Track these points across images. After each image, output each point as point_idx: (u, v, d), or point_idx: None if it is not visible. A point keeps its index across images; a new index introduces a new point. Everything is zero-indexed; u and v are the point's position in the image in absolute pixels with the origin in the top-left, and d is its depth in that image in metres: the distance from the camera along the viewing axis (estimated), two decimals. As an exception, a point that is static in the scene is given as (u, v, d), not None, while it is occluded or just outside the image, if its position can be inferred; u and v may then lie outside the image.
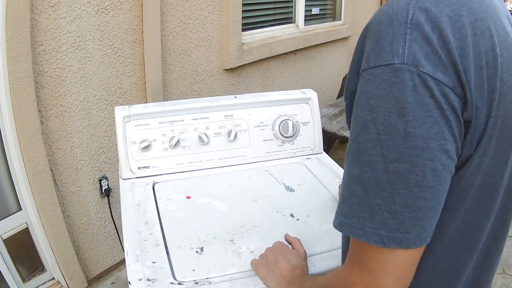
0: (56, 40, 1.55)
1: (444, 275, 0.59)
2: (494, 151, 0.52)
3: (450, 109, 0.46)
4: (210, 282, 0.80)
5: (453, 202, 0.53)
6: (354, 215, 0.50)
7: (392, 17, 0.47)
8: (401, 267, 0.49)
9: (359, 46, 0.54)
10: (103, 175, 1.89)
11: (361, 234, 0.49)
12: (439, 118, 0.46)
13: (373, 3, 3.94)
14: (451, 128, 0.47)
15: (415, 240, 0.48)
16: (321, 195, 1.11)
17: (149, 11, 1.80)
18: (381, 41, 0.47)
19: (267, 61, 2.68)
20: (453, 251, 0.58)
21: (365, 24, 0.53)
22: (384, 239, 0.48)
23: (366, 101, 0.48)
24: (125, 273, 1.72)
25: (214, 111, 1.22)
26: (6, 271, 1.61)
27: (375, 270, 0.49)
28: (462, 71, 0.46)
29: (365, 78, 0.49)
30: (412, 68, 0.45)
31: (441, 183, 0.48)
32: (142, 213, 1.00)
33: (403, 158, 0.46)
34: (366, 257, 0.50)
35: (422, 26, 0.46)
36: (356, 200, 0.50)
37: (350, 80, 0.56)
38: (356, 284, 0.51)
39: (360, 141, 0.49)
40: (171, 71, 2.05)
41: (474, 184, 0.53)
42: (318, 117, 1.31)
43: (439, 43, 0.45)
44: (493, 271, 0.66)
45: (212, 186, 1.13)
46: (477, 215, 0.57)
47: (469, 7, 0.48)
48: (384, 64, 0.46)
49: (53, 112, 1.62)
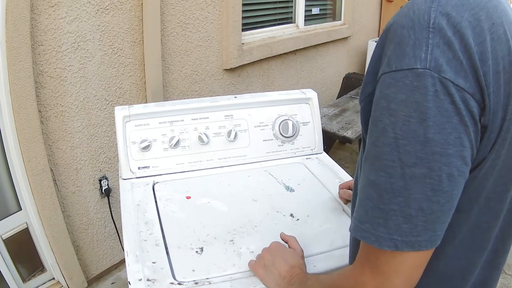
0: (56, 40, 1.55)
1: (454, 277, 0.60)
2: (506, 153, 0.52)
3: (469, 116, 0.46)
4: (210, 282, 0.80)
5: (465, 204, 0.53)
6: (368, 219, 0.51)
7: (413, 21, 0.47)
8: (411, 268, 0.50)
9: (378, 48, 0.53)
10: (103, 175, 1.89)
11: (374, 239, 0.50)
12: (458, 125, 0.46)
13: (373, 3, 3.94)
14: (468, 134, 0.47)
15: (426, 242, 0.48)
16: (321, 195, 1.11)
17: (149, 11, 1.80)
18: (403, 44, 0.47)
19: (267, 61, 2.68)
20: (463, 252, 0.58)
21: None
22: (397, 243, 0.48)
23: (386, 105, 0.48)
24: (125, 273, 1.72)
25: (214, 111, 1.22)
26: (6, 271, 1.61)
27: (387, 272, 0.50)
28: (482, 77, 0.46)
29: (386, 81, 0.49)
30: (435, 73, 0.45)
31: (455, 188, 0.48)
32: (142, 213, 1.00)
33: (421, 163, 0.46)
34: (378, 259, 0.51)
35: (444, 31, 0.46)
36: (371, 205, 0.50)
37: (367, 81, 0.56)
38: (366, 285, 0.52)
39: (378, 146, 0.49)
40: (171, 71, 2.05)
41: (486, 185, 0.53)
42: (318, 117, 1.31)
43: (461, 48, 0.45)
44: (500, 270, 0.67)
45: (212, 186, 1.13)
46: (488, 216, 0.57)
47: (487, 12, 0.48)
48: (406, 68, 0.46)
49: (53, 112, 1.62)
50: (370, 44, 3.82)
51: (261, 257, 0.82)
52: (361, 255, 0.54)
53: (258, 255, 0.84)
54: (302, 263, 0.80)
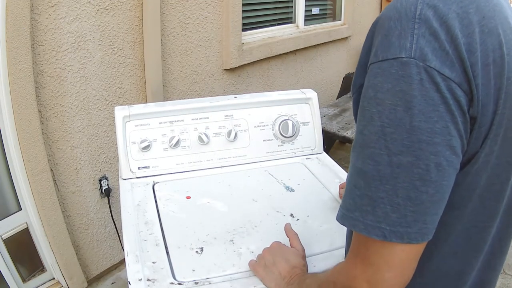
0: (56, 40, 1.55)
1: (449, 276, 0.60)
2: (500, 150, 0.52)
3: (456, 105, 0.46)
4: (210, 282, 0.80)
5: (459, 200, 0.53)
6: (356, 208, 0.50)
7: (400, 12, 0.48)
8: (402, 261, 0.49)
9: (367, 41, 0.54)
10: (103, 175, 1.89)
11: (363, 227, 0.49)
12: (444, 113, 0.46)
13: (373, 3, 3.94)
14: (456, 124, 0.47)
15: (416, 235, 0.48)
16: (321, 195, 1.11)
17: (149, 11, 1.80)
18: (389, 35, 0.48)
19: (267, 61, 2.69)
20: (459, 251, 0.58)
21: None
22: (385, 232, 0.48)
23: (373, 94, 0.49)
24: (125, 273, 1.72)
25: (214, 111, 1.22)
26: (6, 271, 1.61)
27: (377, 264, 0.50)
28: (469, 67, 0.46)
29: (373, 71, 0.49)
30: (419, 62, 0.45)
31: (444, 179, 0.48)
32: (142, 213, 1.00)
33: (408, 151, 0.46)
34: (368, 250, 0.50)
35: (430, 22, 0.46)
36: (358, 193, 0.50)
37: (358, 74, 0.56)
38: (357, 278, 0.51)
39: (365, 134, 0.49)
40: (171, 71, 2.05)
41: (479, 182, 0.53)
42: (318, 117, 1.31)
43: (447, 39, 0.46)
44: (498, 271, 0.66)
45: (212, 186, 1.13)
46: (484, 216, 0.57)
47: (477, 5, 0.48)
48: (391, 57, 0.47)
49: (53, 112, 1.62)
50: (370, 44, 3.81)
51: (262, 257, 0.82)
52: (353, 248, 0.54)
53: (258, 255, 0.84)
54: (303, 263, 0.80)
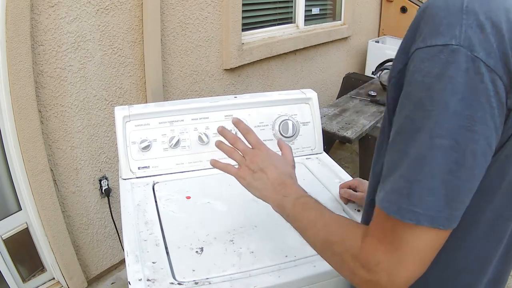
0: (56, 40, 1.55)
1: (473, 270, 0.61)
2: None
3: (496, 97, 0.48)
4: (210, 282, 0.80)
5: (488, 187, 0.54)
6: (392, 190, 0.51)
7: (448, 2, 0.49)
8: (427, 248, 0.50)
9: (412, 27, 0.55)
10: (103, 175, 1.89)
11: (396, 210, 0.50)
12: (485, 104, 0.47)
13: (373, 3, 3.94)
14: (493, 116, 0.48)
15: (444, 220, 0.48)
16: (321, 195, 1.11)
17: (149, 11, 1.80)
18: (438, 23, 0.49)
19: (267, 61, 2.69)
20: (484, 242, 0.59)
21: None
22: (419, 217, 0.48)
23: (421, 79, 0.50)
24: (125, 273, 1.72)
25: (214, 111, 1.22)
26: (6, 271, 1.61)
27: (403, 250, 0.50)
28: (511, 62, 0.48)
29: (420, 56, 0.50)
30: (468, 51, 0.47)
31: (477, 167, 0.49)
32: (142, 213, 1.00)
33: (448, 135, 0.47)
34: (396, 236, 0.50)
35: (477, 14, 0.48)
36: (397, 175, 0.51)
37: (398, 59, 0.57)
38: (381, 263, 0.51)
39: (410, 117, 0.50)
40: (171, 71, 2.05)
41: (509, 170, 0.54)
42: (318, 117, 1.31)
43: (492, 32, 0.47)
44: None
45: (212, 186, 1.13)
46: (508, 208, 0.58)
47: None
48: (441, 44, 0.48)
49: (53, 112, 1.62)
50: (370, 44, 3.81)
51: (247, 161, 0.77)
52: (376, 228, 0.53)
53: (238, 159, 0.78)
54: (292, 172, 0.77)
